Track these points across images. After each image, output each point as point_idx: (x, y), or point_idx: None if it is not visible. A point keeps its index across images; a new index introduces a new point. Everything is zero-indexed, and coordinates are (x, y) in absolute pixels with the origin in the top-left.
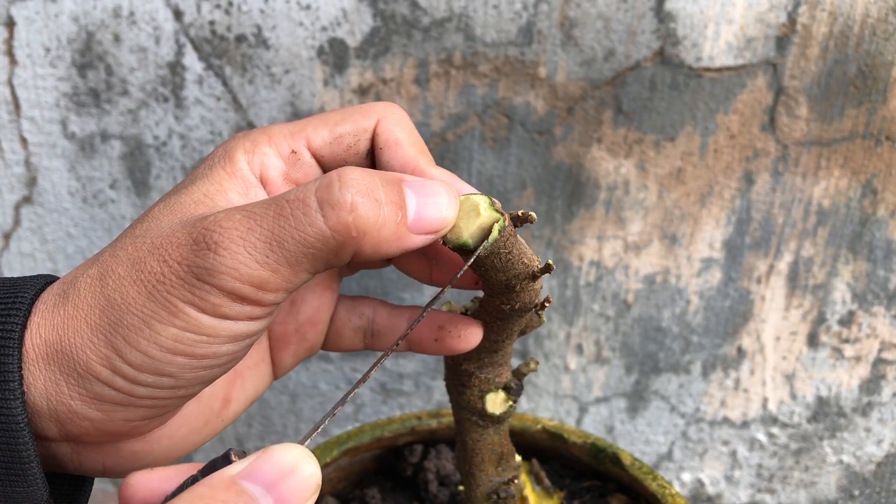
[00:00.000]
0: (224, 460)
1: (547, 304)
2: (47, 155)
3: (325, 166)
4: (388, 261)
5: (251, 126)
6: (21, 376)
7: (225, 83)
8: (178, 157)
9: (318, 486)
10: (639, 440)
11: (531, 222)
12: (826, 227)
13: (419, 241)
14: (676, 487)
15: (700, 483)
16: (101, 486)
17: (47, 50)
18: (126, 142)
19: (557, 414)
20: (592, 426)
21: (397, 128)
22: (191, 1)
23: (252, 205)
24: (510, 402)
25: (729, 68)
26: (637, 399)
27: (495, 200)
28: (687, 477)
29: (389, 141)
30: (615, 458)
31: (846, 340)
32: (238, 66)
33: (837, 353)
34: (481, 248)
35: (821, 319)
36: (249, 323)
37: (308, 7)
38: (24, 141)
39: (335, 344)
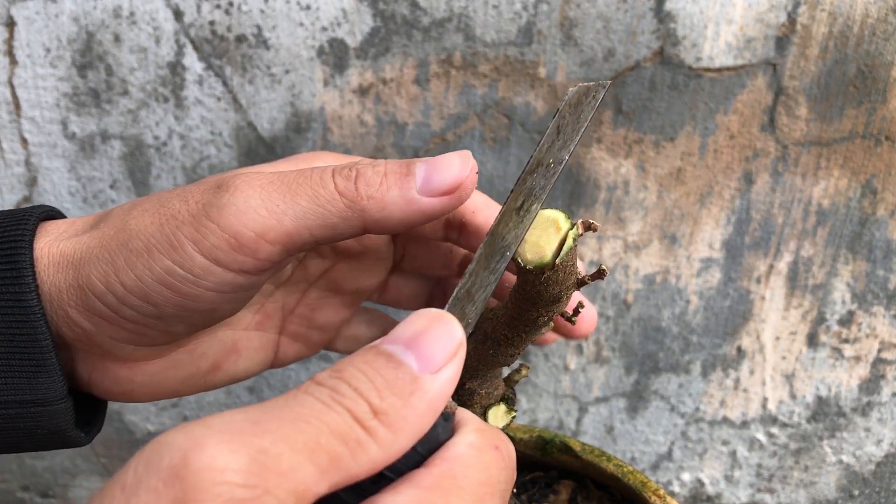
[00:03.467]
0: (444, 418)
1: (581, 310)
2: (47, 155)
3: None
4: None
5: (251, 127)
6: (34, 272)
7: (225, 83)
8: (178, 157)
9: (461, 342)
10: (638, 440)
11: (594, 230)
12: (826, 227)
13: (430, 204)
14: (676, 487)
15: (700, 483)
16: None
17: (47, 50)
18: (126, 142)
19: (557, 414)
20: (592, 426)
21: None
22: (191, 1)
23: (281, 168)
24: (513, 414)
25: (728, 68)
26: (637, 399)
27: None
28: (686, 477)
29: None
30: (564, 447)
31: (846, 340)
32: (238, 66)
33: (837, 352)
34: (558, 258)
35: (820, 319)
36: (237, 276)
37: (308, 7)
38: (24, 141)
39: (347, 350)
